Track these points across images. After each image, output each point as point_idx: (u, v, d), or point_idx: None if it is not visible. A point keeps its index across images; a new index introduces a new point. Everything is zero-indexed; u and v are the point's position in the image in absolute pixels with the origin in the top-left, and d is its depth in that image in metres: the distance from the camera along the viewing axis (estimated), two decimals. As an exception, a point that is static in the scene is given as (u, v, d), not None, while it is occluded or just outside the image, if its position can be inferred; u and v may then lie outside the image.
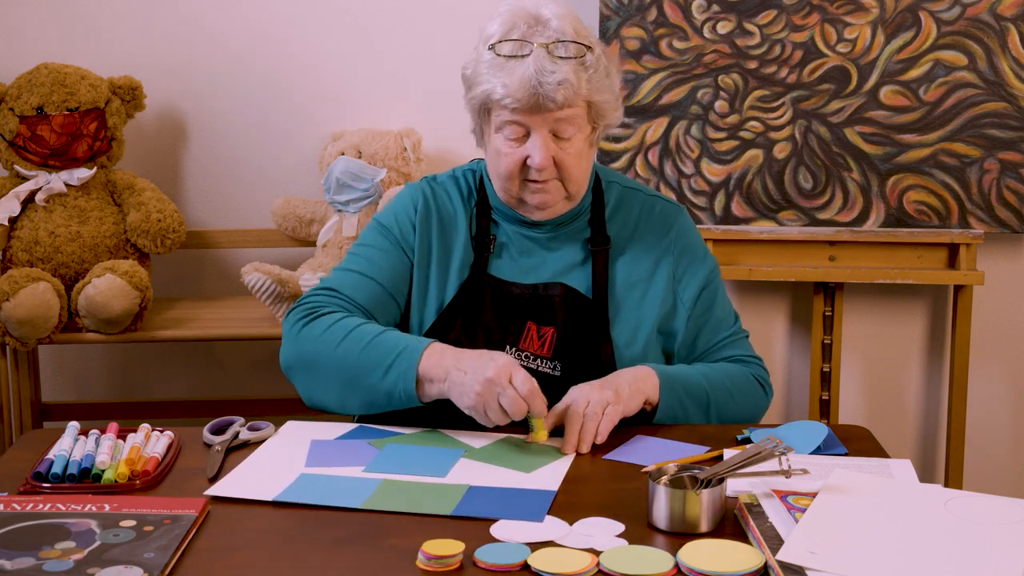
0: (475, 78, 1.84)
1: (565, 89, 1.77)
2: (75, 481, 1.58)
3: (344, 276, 1.92)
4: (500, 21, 1.83)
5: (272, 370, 3.15)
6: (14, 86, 2.84)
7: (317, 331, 1.83)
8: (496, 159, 1.86)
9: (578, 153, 1.84)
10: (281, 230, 3.00)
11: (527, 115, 1.80)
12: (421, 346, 1.75)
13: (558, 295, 1.88)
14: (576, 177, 1.86)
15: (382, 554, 1.39)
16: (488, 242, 1.92)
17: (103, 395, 3.18)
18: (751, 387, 1.94)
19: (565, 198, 1.88)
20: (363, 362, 1.77)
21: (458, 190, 1.98)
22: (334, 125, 3.03)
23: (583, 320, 1.88)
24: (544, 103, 1.77)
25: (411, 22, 3.05)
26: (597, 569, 1.34)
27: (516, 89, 1.77)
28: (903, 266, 2.92)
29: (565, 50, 1.79)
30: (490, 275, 1.91)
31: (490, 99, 1.82)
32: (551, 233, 1.93)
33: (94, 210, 2.86)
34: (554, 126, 1.81)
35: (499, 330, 1.88)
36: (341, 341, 1.80)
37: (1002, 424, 3.13)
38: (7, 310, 2.63)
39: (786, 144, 2.90)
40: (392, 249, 1.94)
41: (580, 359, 1.87)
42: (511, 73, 1.78)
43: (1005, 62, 2.83)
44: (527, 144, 1.82)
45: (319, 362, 1.82)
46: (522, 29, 1.81)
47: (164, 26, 3.03)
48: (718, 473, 1.47)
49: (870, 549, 1.34)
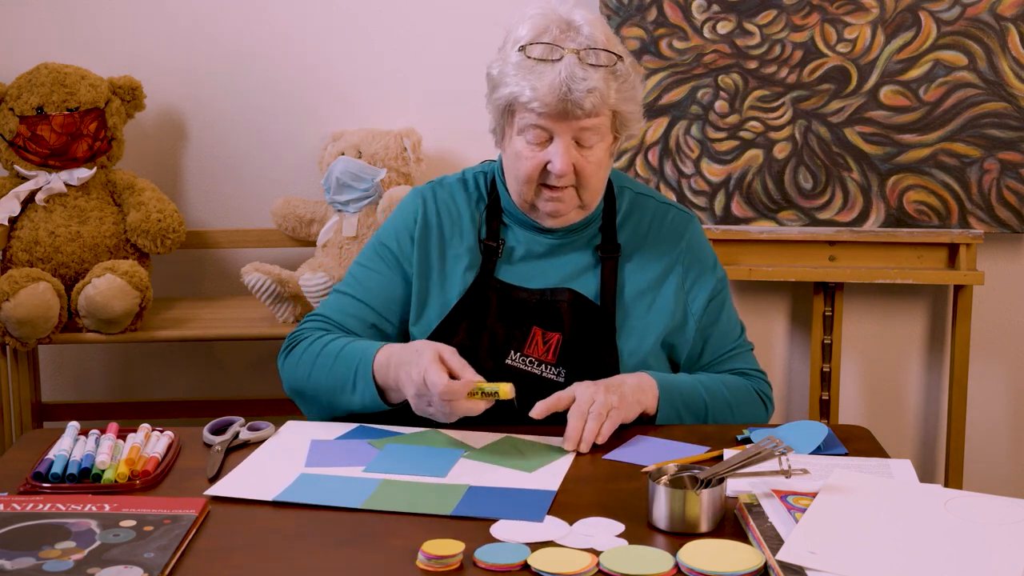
0: (502, 79, 1.82)
1: (594, 97, 1.76)
2: (75, 481, 1.58)
3: (337, 299, 1.96)
4: (531, 24, 1.81)
5: (272, 370, 3.14)
6: (14, 86, 2.84)
7: (295, 359, 1.88)
8: (516, 162, 1.85)
9: (598, 162, 1.83)
10: (281, 230, 3.00)
11: (553, 121, 1.79)
12: (370, 360, 1.78)
13: (565, 301, 1.87)
14: (593, 186, 1.85)
15: (382, 554, 1.39)
16: (497, 246, 1.92)
17: (103, 395, 3.18)
18: (751, 401, 1.94)
19: (579, 207, 1.87)
20: (333, 380, 1.82)
21: (465, 192, 1.97)
22: (334, 125, 3.03)
23: (589, 327, 1.87)
24: (572, 110, 1.76)
25: (411, 22, 3.05)
26: (597, 569, 1.34)
27: (545, 94, 1.76)
28: (903, 266, 2.92)
29: (596, 58, 1.78)
30: (497, 279, 1.91)
31: (516, 101, 1.80)
32: (562, 240, 1.92)
33: (94, 210, 2.86)
34: (578, 134, 1.80)
35: (504, 335, 1.88)
36: (314, 364, 1.85)
37: (1002, 424, 3.13)
38: (7, 310, 2.63)
39: (786, 144, 2.90)
40: (386, 270, 1.95)
41: (585, 366, 1.86)
42: (540, 77, 1.76)
43: (1005, 62, 2.83)
44: (548, 149, 1.81)
45: (304, 388, 1.87)
46: (554, 33, 1.79)
47: (164, 26, 3.03)
48: (718, 473, 1.47)
49: (870, 549, 1.34)
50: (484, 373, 1.72)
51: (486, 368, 1.85)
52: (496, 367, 1.86)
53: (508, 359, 1.87)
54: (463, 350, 1.85)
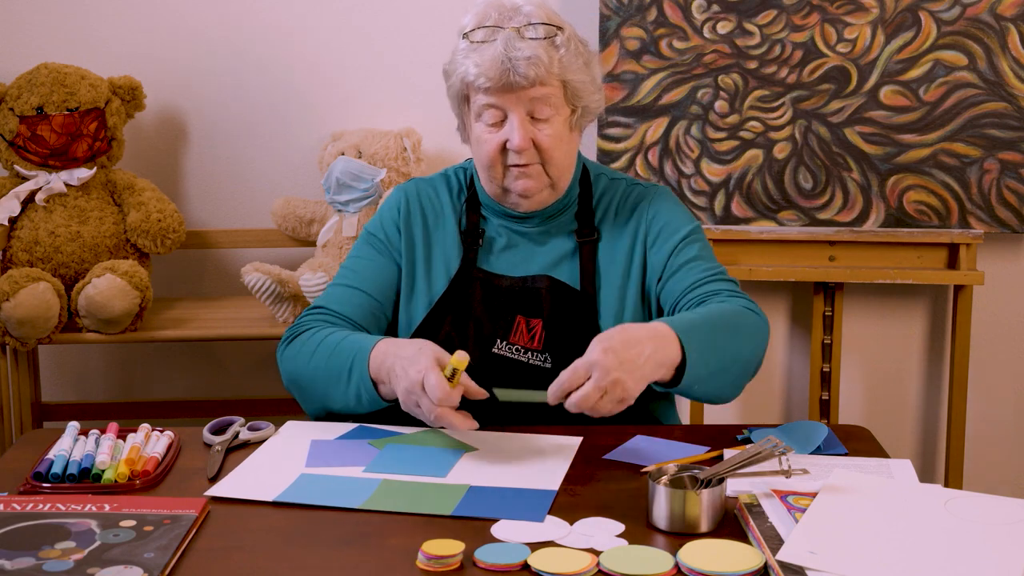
0: (451, 67, 1.88)
1: (535, 65, 1.79)
2: (75, 481, 1.58)
3: (333, 291, 1.96)
4: (474, 12, 1.87)
5: (272, 370, 3.14)
6: (14, 86, 2.84)
7: (294, 350, 1.87)
8: (478, 147, 1.88)
9: (557, 135, 1.85)
10: (281, 230, 3.00)
11: (501, 95, 1.81)
12: (368, 350, 1.76)
13: (544, 287, 1.89)
14: (557, 160, 1.86)
15: (382, 554, 1.39)
16: (477, 236, 1.94)
17: (103, 395, 3.18)
18: (744, 311, 1.81)
19: (549, 186, 1.89)
20: (329, 372, 1.80)
21: (447, 186, 2.00)
22: (334, 125, 3.03)
23: (569, 311, 1.89)
24: (515, 80, 1.79)
25: (411, 22, 3.05)
26: (597, 569, 1.34)
27: (488, 67, 1.79)
28: (903, 266, 2.92)
29: (535, 31, 1.82)
30: (479, 268, 1.92)
31: (465, 82, 1.84)
32: (540, 227, 1.94)
33: (94, 210, 2.86)
34: (530, 106, 1.82)
35: (489, 324, 1.89)
36: (312, 355, 1.83)
37: (1002, 424, 3.13)
38: (7, 310, 2.63)
39: (786, 144, 2.90)
40: (377, 256, 1.97)
41: (570, 351, 1.86)
42: (482, 54, 1.81)
43: (1005, 62, 2.83)
44: (505, 128, 1.84)
45: (302, 380, 1.86)
46: (494, 17, 1.84)
47: (164, 26, 3.03)
48: (718, 473, 1.47)
49: (870, 549, 1.34)
50: (472, 365, 1.70)
51: (474, 358, 1.86)
52: (483, 357, 1.87)
53: (495, 348, 1.88)
54: (450, 341, 1.86)
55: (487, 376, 1.85)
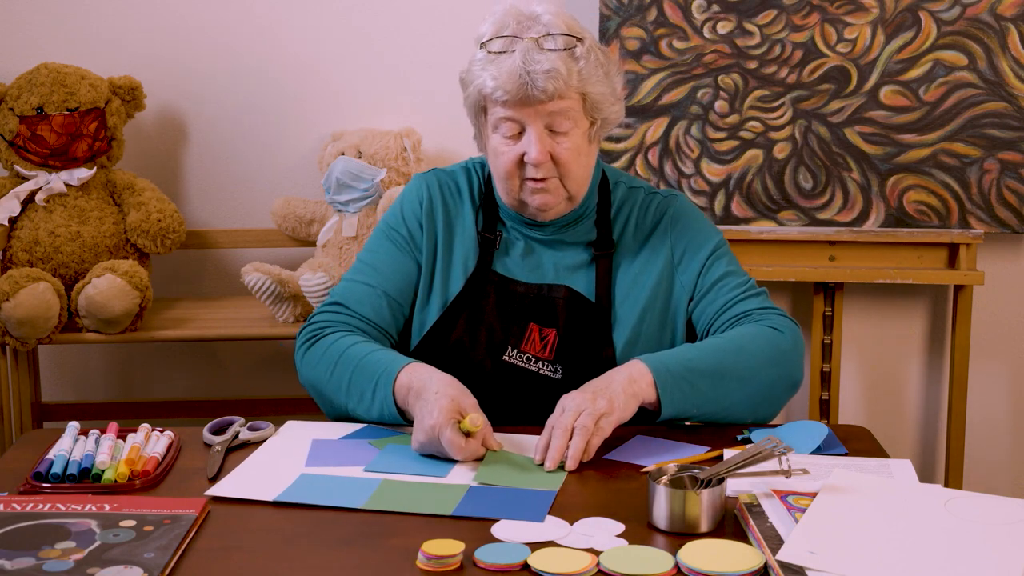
0: (468, 77, 1.85)
1: (553, 79, 1.75)
2: (75, 481, 1.58)
3: (352, 288, 1.93)
4: (492, 21, 1.83)
5: (272, 370, 3.15)
6: (14, 86, 2.84)
7: (316, 356, 1.85)
8: (495, 159, 1.85)
9: (575, 149, 1.82)
10: (281, 230, 3.00)
11: (519, 108, 1.78)
12: (393, 375, 1.74)
13: (561, 297, 1.87)
14: (575, 174, 1.84)
15: (382, 554, 1.39)
16: (494, 238, 1.92)
17: (103, 395, 3.18)
18: (765, 336, 1.82)
19: (567, 199, 1.86)
20: (352, 387, 1.79)
21: (467, 181, 1.97)
22: (334, 125, 3.03)
23: (585, 324, 1.87)
24: (534, 93, 1.76)
25: (411, 22, 3.05)
26: (597, 569, 1.34)
27: (506, 80, 1.76)
28: (903, 266, 2.92)
29: (554, 42, 1.78)
30: (495, 271, 1.91)
31: (482, 94, 1.81)
32: (556, 235, 1.92)
33: (94, 210, 2.86)
34: (548, 120, 1.79)
35: (501, 330, 1.87)
36: (334, 366, 1.82)
37: (1002, 424, 3.13)
38: (7, 310, 2.63)
39: (786, 144, 2.90)
40: (398, 254, 1.94)
41: (581, 363, 1.86)
42: (500, 66, 1.77)
43: (1005, 62, 2.83)
44: (523, 140, 1.81)
45: (321, 387, 1.85)
46: (512, 26, 1.80)
47: (164, 26, 3.03)
48: (718, 473, 1.47)
49: (870, 549, 1.34)
50: (482, 372, 1.70)
51: (484, 367, 1.85)
52: (494, 365, 1.86)
53: (506, 355, 1.87)
54: (461, 347, 1.85)
55: (496, 384, 1.85)
